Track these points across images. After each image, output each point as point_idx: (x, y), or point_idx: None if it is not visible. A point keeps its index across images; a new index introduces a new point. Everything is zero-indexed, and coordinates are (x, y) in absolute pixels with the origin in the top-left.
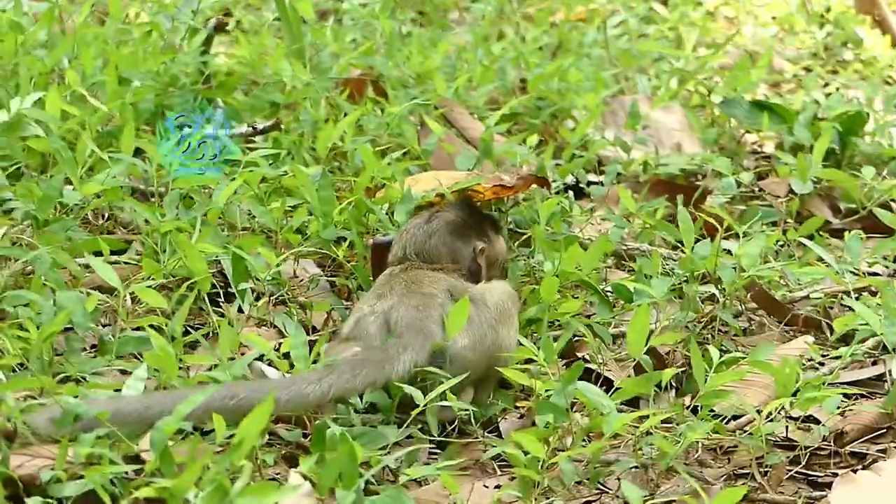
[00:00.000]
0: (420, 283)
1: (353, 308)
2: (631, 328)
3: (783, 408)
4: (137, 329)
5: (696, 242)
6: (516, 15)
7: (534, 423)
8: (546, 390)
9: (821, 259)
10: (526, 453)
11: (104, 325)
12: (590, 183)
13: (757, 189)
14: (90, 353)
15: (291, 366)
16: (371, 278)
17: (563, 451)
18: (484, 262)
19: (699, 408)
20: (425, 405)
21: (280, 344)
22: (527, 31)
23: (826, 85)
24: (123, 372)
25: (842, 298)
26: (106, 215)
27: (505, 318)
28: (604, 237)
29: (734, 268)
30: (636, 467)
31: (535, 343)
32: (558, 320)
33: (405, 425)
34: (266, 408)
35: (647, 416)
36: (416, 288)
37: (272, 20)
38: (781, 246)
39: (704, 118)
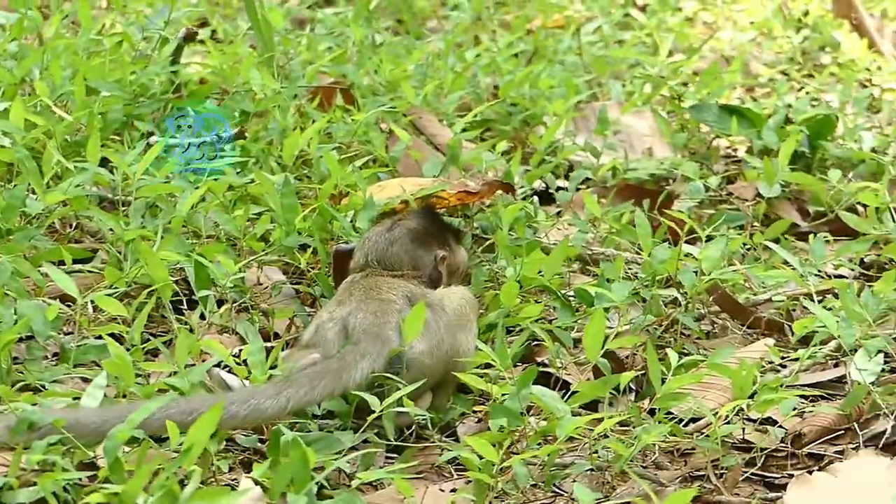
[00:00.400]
0: (378, 289)
1: (315, 315)
2: (587, 332)
3: (741, 410)
4: (99, 337)
5: (659, 245)
6: (493, 22)
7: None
8: (502, 394)
9: (786, 262)
10: (481, 457)
11: (66, 334)
12: (559, 188)
13: (725, 193)
14: (52, 361)
15: (250, 372)
16: (333, 286)
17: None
18: (445, 270)
19: (657, 410)
20: (382, 411)
21: (240, 350)
22: (503, 38)
23: (801, 89)
24: (84, 380)
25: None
26: (73, 224)
27: (463, 323)
28: (565, 242)
29: (696, 271)
30: (592, 470)
31: (494, 348)
32: (520, 325)
33: (362, 430)
34: (215, 413)
35: (603, 419)
36: (374, 294)
37: (247, 29)
38: (748, 249)
39: (675, 123)
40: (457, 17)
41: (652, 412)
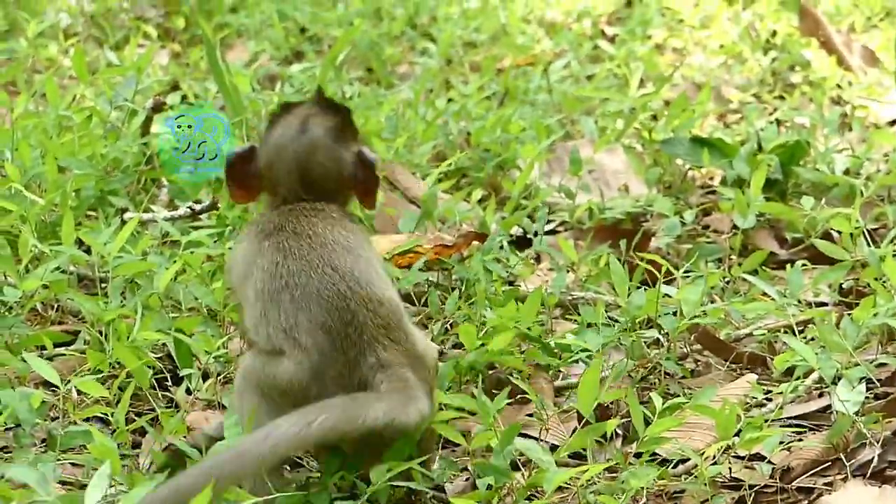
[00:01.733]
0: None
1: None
2: (582, 386)
3: (728, 448)
4: (87, 419)
5: (638, 288)
6: (463, 66)
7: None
8: (486, 444)
9: (765, 293)
10: None
11: (52, 419)
12: (535, 233)
13: (702, 226)
14: (40, 447)
15: None
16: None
17: None
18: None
19: (643, 454)
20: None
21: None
22: (474, 81)
23: (773, 111)
24: (74, 465)
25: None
26: (55, 306)
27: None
28: (538, 291)
29: (674, 312)
30: None
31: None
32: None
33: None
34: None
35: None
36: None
37: (216, 93)
38: (727, 282)
39: (648, 157)
40: (425, 63)
41: (639, 455)
